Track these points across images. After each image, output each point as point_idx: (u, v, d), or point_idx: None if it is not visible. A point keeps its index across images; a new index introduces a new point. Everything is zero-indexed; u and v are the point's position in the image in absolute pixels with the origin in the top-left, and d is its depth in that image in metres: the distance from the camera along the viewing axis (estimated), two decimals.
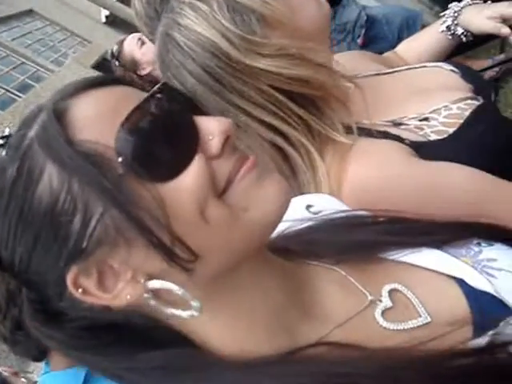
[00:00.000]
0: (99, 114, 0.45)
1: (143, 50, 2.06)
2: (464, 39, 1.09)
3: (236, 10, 0.76)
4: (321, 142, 0.80)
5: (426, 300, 0.55)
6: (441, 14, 1.12)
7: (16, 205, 0.44)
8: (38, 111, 0.46)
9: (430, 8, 2.85)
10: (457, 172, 0.74)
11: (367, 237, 0.61)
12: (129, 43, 2.11)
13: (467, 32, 1.07)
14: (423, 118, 0.83)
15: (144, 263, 0.44)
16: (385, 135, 0.80)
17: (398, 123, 0.83)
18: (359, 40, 2.23)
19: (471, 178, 0.74)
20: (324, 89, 0.79)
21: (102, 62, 7.10)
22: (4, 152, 0.46)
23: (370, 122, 0.83)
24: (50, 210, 0.43)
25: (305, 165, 0.79)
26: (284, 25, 0.78)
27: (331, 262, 0.58)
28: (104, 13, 9.05)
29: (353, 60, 0.98)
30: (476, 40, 1.08)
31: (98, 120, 0.45)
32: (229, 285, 0.49)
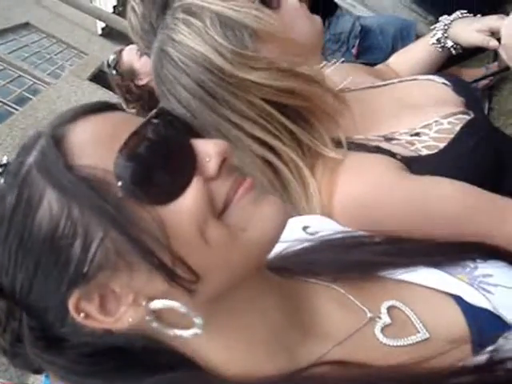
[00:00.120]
0: (97, 140, 0.45)
1: (142, 61, 2.06)
2: (454, 52, 1.09)
3: (228, 26, 0.77)
4: (311, 157, 0.80)
5: (424, 317, 0.55)
6: (431, 28, 1.13)
7: (16, 232, 0.44)
8: (37, 138, 0.47)
9: (425, 18, 2.87)
10: (448, 186, 0.75)
11: (364, 257, 0.62)
12: (128, 53, 2.11)
13: (457, 45, 1.08)
14: (414, 133, 0.83)
15: (145, 286, 0.45)
16: (376, 150, 0.81)
17: (390, 138, 0.84)
18: (353, 50, 2.24)
19: (462, 192, 0.74)
20: (312, 101, 0.79)
21: (99, 74, 7.11)
22: (2, 180, 0.46)
23: (362, 137, 0.83)
24: (50, 236, 0.43)
25: (295, 180, 0.79)
26: (276, 39, 0.80)
27: (329, 280, 0.59)
28: (100, 25, 9.07)
29: (345, 73, 0.99)
30: (465, 53, 1.09)
31: (97, 145, 0.45)
32: (227, 306, 0.49)
